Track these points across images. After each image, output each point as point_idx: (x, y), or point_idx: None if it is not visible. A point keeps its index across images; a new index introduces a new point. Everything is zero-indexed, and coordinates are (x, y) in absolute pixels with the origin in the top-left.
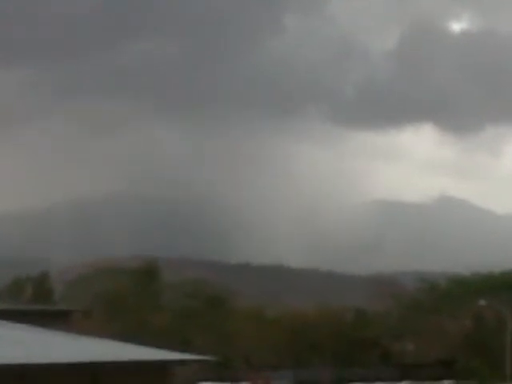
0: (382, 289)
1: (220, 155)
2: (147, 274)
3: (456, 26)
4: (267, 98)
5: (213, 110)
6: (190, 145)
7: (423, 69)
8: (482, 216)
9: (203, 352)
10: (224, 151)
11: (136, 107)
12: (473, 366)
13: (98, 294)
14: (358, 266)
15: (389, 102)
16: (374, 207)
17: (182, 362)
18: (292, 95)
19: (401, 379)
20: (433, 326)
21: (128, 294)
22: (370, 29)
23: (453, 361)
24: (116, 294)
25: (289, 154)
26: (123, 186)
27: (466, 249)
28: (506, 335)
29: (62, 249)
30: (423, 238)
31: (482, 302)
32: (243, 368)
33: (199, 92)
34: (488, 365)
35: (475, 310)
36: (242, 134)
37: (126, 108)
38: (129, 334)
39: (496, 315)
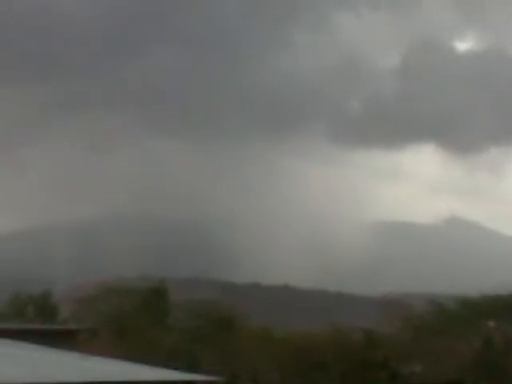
0: (391, 310)
1: (225, 174)
2: (155, 294)
3: (461, 46)
4: (272, 116)
5: (217, 128)
6: (196, 163)
7: (428, 88)
8: (489, 237)
9: (211, 372)
10: (229, 169)
11: (138, 124)
12: None
13: (105, 314)
14: (367, 286)
15: (393, 121)
16: (380, 228)
17: (190, 383)
18: (297, 113)
19: None
20: (441, 348)
21: (136, 314)
22: (376, 47)
23: (462, 382)
24: (123, 314)
25: (294, 173)
26: (128, 204)
27: (474, 270)
28: None
29: (66, 267)
30: (431, 259)
31: (491, 324)
32: None
33: (202, 108)
34: None
35: (484, 332)
36: (248, 152)
37: (128, 125)
38: (136, 353)
39: (505, 336)
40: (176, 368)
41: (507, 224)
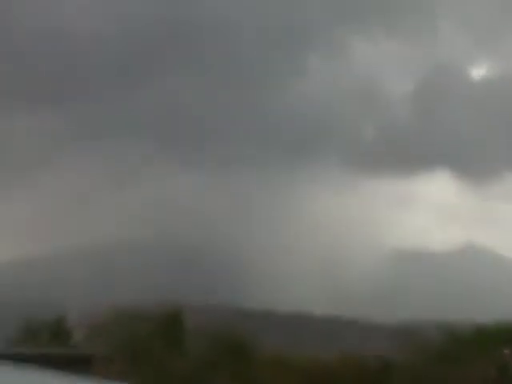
0: (406, 338)
1: (238, 200)
2: (171, 320)
3: (476, 72)
4: (284, 141)
5: (229, 155)
6: (208, 189)
7: (442, 115)
8: (505, 265)
9: None
10: (242, 196)
11: (151, 151)
12: None
13: (119, 339)
14: (381, 314)
15: (408, 148)
16: (394, 255)
17: None
18: (311, 141)
19: None
20: (456, 376)
21: (150, 340)
22: (391, 74)
23: None
24: (137, 339)
25: (308, 200)
26: (141, 229)
27: (489, 297)
28: None
29: (79, 291)
30: (446, 287)
31: (507, 351)
32: None
33: (216, 136)
34: None
35: (499, 359)
36: (261, 180)
37: (142, 152)
38: (152, 380)
39: None
40: None
41: None
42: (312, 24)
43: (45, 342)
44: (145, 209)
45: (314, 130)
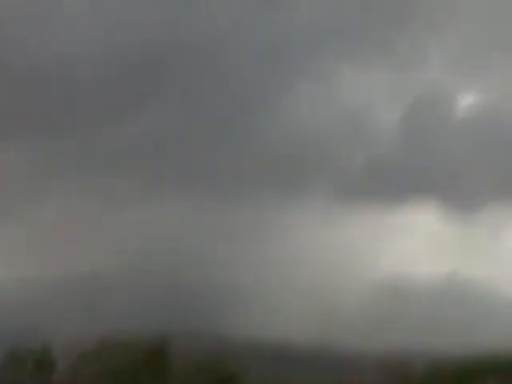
0: (393, 369)
1: (225, 230)
2: (156, 349)
3: (464, 101)
4: (274, 173)
5: (218, 185)
6: (196, 221)
7: (430, 143)
8: (489, 295)
9: None
10: (229, 226)
11: (141, 182)
12: None
13: (106, 369)
14: (368, 344)
15: (394, 175)
16: (382, 284)
17: None
18: (299, 170)
19: None
20: None
21: (137, 369)
22: (380, 102)
23: None
24: (125, 369)
25: (296, 229)
26: (129, 260)
27: (473, 328)
28: None
29: (66, 320)
30: (431, 317)
31: (490, 382)
32: None
33: (204, 166)
34: None
35: None
36: (249, 210)
37: (132, 183)
38: None
39: None
40: None
41: (508, 282)
42: (300, 49)
43: (30, 370)
44: (133, 240)
45: (302, 160)
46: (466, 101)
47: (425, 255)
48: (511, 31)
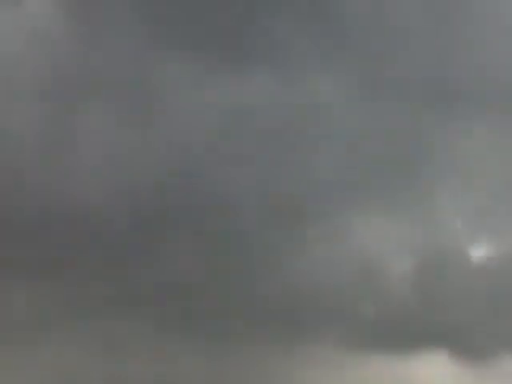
0: None
1: (230, 379)
2: None
3: (475, 252)
4: (282, 322)
5: (223, 331)
6: (198, 365)
7: (441, 294)
8: None
9: None
10: (234, 376)
11: (148, 324)
12: None
13: None
14: None
15: (406, 326)
16: None
17: None
18: (309, 319)
19: None
20: None
21: None
22: (389, 252)
23: None
24: None
25: (303, 380)
26: None
27: None
28: None
29: None
30: None
31: None
32: None
33: (213, 312)
34: None
35: None
36: (255, 359)
37: (138, 325)
38: None
39: None
40: None
41: None
42: (310, 198)
43: None
44: (141, 381)
45: (313, 310)
46: (478, 252)
47: None
48: None
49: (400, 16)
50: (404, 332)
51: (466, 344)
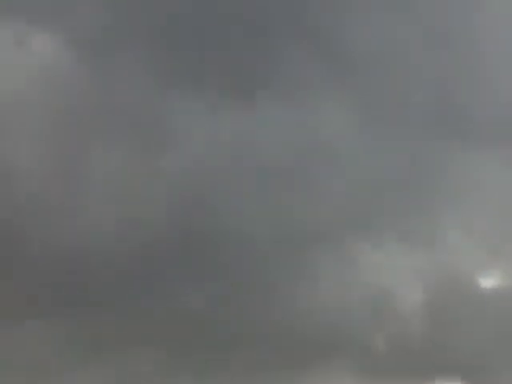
0: None
1: None
2: None
3: (486, 282)
4: (294, 351)
5: (235, 362)
6: None
7: (453, 325)
8: None
9: None
10: None
11: (164, 364)
12: None
13: None
14: None
15: (419, 357)
16: None
17: None
18: (320, 349)
19: None
20: None
21: None
22: (400, 281)
23: None
24: None
25: None
26: None
27: None
28: None
29: None
30: None
31: None
32: None
33: (226, 341)
34: None
35: None
36: (262, 382)
37: (152, 361)
38: None
39: None
40: None
41: None
42: (323, 228)
43: None
44: None
45: (324, 339)
46: (489, 282)
47: None
48: None
49: (404, 49)
50: (416, 362)
51: (479, 374)
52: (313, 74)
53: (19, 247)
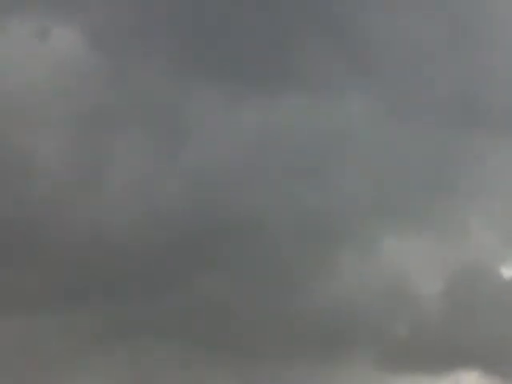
0: None
1: None
2: None
3: (507, 272)
4: (315, 341)
5: (257, 349)
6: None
7: (473, 314)
8: None
9: None
10: None
11: (178, 351)
12: None
13: None
14: None
15: (438, 346)
16: None
17: None
18: (340, 338)
19: None
20: None
21: None
22: (421, 271)
23: None
24: None
25: None
26: None
27: None
28: None
29: None
30: None
31: None
32: None
33: (244, 333)
34: None
35: None
36: (284, 375)
37: (168, 353)
38: None
39: None
40: None
41: None
42: (343, 220)
43: None
44: None
45: (345, 329)
46: (508, 272)
47: None
48: None
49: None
50: (435, 352)
51: (497, 364)
52: (339, 68)
53: (44, 240)
